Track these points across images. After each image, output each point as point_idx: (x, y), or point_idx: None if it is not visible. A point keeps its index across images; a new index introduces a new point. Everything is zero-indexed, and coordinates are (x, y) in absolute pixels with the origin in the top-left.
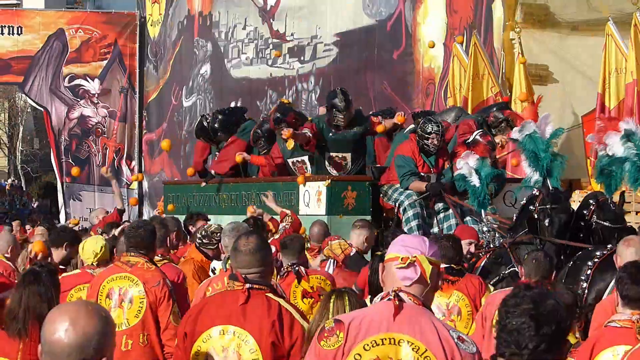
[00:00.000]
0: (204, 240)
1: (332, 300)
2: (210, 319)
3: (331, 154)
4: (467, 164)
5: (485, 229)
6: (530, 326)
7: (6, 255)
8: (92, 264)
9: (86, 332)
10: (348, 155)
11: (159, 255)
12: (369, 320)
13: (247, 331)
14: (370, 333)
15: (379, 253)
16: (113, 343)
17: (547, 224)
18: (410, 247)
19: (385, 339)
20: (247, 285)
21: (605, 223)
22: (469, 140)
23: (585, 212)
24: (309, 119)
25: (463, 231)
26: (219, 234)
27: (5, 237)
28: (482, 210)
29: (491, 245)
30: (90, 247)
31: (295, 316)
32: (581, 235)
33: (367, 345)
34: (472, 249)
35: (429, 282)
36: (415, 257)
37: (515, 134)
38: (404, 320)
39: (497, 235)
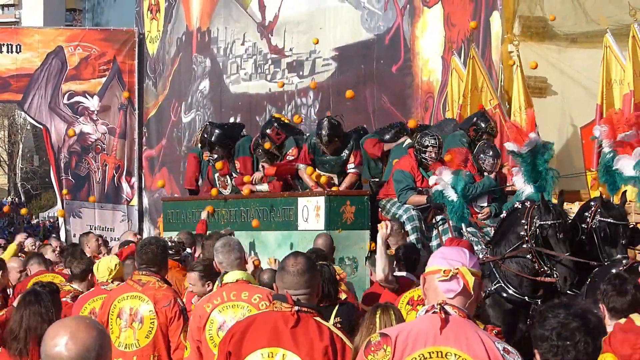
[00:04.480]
0: (170, 252)
1: (377, 315)
2: (257, 340)
3: (320, 172)
4: (441, 179)
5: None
6: (587, 343)
7: None
8: (107, 281)
9: (86, 345)
10: (335, 176)
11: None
12: (415, 333)
13: (297, 355)
14: (418, 347)
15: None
16: (110, 356)
17: (557, 241)
18: (452, 260)
19: (433, 353)
20: (296, 308)
21: (609, 220)
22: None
23: (587, 213)
24: (305, 135)
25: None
26: (182, 244)
27: None
28: (463, 225)
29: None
30: (105, 265)
31: (345, 342)
32: (583, 237)
33: (415, 359)
34: None
35: (471, 293)
36: (457, 269)
37: (511, 146)
38: (451, 333)
39: (480, 247)
